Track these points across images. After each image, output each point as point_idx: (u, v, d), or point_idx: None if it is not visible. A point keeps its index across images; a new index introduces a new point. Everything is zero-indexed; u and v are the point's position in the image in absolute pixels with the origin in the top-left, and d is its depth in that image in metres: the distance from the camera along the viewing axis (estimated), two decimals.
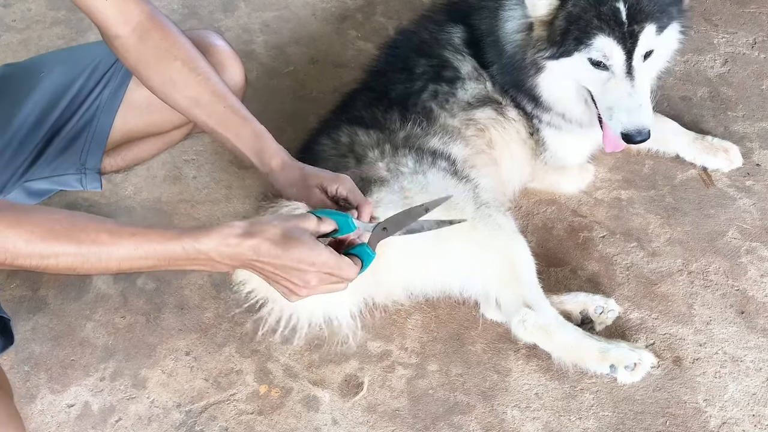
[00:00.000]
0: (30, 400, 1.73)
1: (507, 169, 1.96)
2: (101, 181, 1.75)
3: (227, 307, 1.88)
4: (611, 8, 1.67)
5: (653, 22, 1.69)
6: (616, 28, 1.67)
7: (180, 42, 1.55)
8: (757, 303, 1.80)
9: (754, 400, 1.64)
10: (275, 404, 1.70)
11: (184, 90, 1.53)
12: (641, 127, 1.71)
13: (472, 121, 1.91)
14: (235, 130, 1.54)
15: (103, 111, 1.69)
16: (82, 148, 1.70)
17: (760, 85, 2.30)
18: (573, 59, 1.74)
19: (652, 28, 1.69)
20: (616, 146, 1.86)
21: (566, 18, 1.71)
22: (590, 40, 1.69)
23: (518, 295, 1.66)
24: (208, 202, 2.12)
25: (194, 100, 1.53)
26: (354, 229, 1.41)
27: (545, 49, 1.76)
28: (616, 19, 1.67)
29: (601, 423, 1.62)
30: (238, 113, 1.55)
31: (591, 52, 1.70)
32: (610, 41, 1.68)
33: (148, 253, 1.23)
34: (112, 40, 1.52)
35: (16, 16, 2.70)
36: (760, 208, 1.99)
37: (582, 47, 1.71)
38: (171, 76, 1.52)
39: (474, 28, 1.95)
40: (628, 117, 1.72)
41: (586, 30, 1.69)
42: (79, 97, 1.69)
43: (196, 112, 1.55)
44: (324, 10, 2.70)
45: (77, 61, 1.72)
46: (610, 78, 1.72)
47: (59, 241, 1.18)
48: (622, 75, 1.71)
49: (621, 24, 1.67)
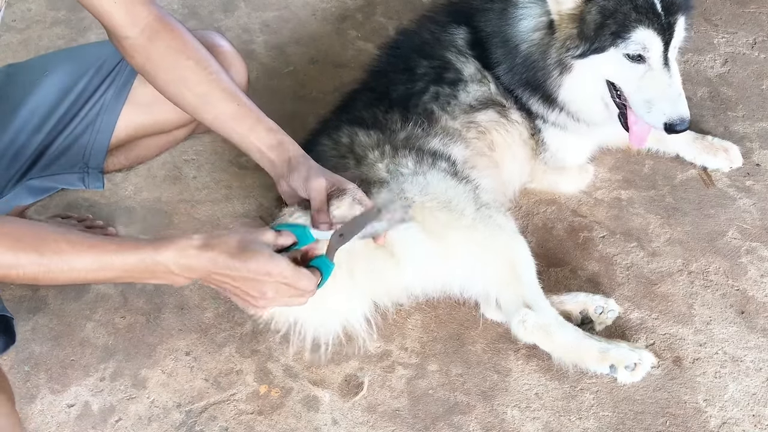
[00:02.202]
0: (30, 400, 1.73)
1: (508, 171, 1.96)
2: (104, 181, 1.75)
3: (227, 307, 1.88)
4: (647, 1, 1.67)
5: (684, 12, 1.71)
6: (655, 20, 1.67)
7: (190, 42, 1.55)
8: (757, 303, 1.80)
9: (754, 400, 1.64)
10: (275, 404, 1.70)
11: (196, 88, 1.53)
12: (684, 115, 1.73)
13: (474, 124, 1.90)
14: (249, 126, 1.54)
15: (107, 110, 1.70)
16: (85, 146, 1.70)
17: (760, 85, 2.30)
18: (606, 55, 1.72)
19: (683, 19, 1.72)
20: (642, 141, 1.87)
21: (600, 12, 1.70)
22: (629, 34, 1.68)
23: (518, 295, 1.66)
24: (208, 202, 2.12)
25: (205, 98, 1.53)
26: (312, 240, 1.41)
27: (576, 47, 1.74)
28: (654, 10, 1.67)
29: (601, 423, 1.62)
30: (251, 111, 1.55)
31: (629, 46, 1.70)
32: (650, 33, 1.68)
33: (107, 264, 1.24)
34: (120, 41, 1.52)
35: (16, 16, 2.70)
36: (760, 208, 1.99)
37: (620, 41, 1.70)
38: (182, 75, 1.52)
39: (478, 30, 1.94)
40: (671, 107, 1.73)
41: (624, 23, 1.68)
42: (83, 96, 1.69)
43: (207, 110, 1.54)
44: (324, 10, 2.70)
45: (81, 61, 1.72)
46: (647, 71, 1.72)
47: (25, 251, 1.19)
48: (659, 67, 1.72)
49: (658, 15, 1.67)
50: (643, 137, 1.84)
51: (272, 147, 1.53)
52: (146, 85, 1.67)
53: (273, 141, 1.53)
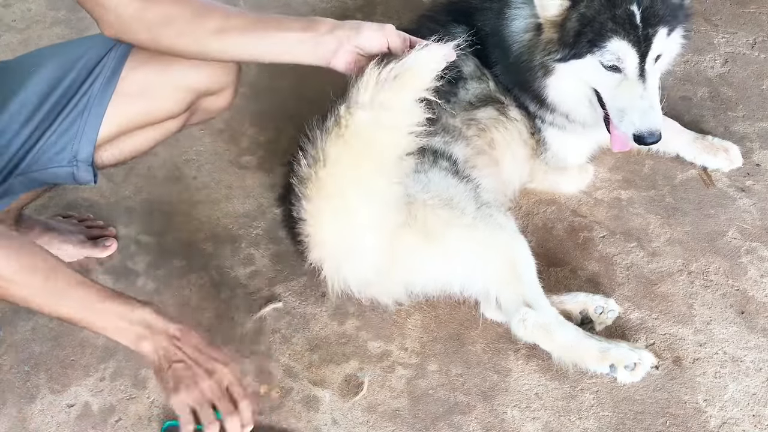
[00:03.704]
0: (30, 400, 1.73)
1: (508, 169, 1.96)
2: (95, 175, 1.74)
3: (227, 307, 1.88)
4: (626, 11, 1.66)
5: (665, 25, 1.69)
6: (631, 32, 1.67)
7: None
8: (757, 303, 1.80)
9: (754, 400, 1.64)
10: (275, 404, 1.70)
11: (209, 21, 1.49)
12: (653, 128, 1.72)
13: (474, 121, 1.91)
14: (275, 24, 1.50)
15: (95, 101, 1.69)
16: (73, 140, 1.69)
17: (760, 85, 2.30)
18: (584, 61, 1.73)
19: (664, 32, 1.70)
20: (624, 146, 1.86)
21: (579, 20, 1.71)
22: (604, 43, 1.69)
23: (519, 294, 1.66)
24: (208, 202, 2.12)
25: (221, 26, 1.50)
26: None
27: (556, 51, 1.75)
28: (631, 22, 1.67)
29: (601, 423, 1.62)
30: (270, 16, 1.54)
31: (604, 55, 1.70)
32: (625, 44, 1.68)
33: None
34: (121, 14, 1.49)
35: (16, 16, 2.70)
36: (760, 208, 1.99)
37: (595, 50, 1.70)
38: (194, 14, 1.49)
39: (477, 28, 1.95)
40: (640, 119, 1.72)
41: (600, 33, 1.68)
42: (71, 89, 1.68)
43: (227, 36, 1.51)
44: (324, 10, 2.70)
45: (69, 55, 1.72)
46: (623, 80, 1.72)
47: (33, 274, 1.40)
48: (634, 78, 1.71)
49: (635, 27, 1.67)
50: (624, 142, 1.83)
51: (307, 27, 1.49)
52: (135, 75, 1.67)
53: (303, 22, 1.50)
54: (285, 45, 1.50)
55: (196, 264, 1.98)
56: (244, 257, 1.99)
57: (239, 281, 1.93)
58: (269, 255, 1.98)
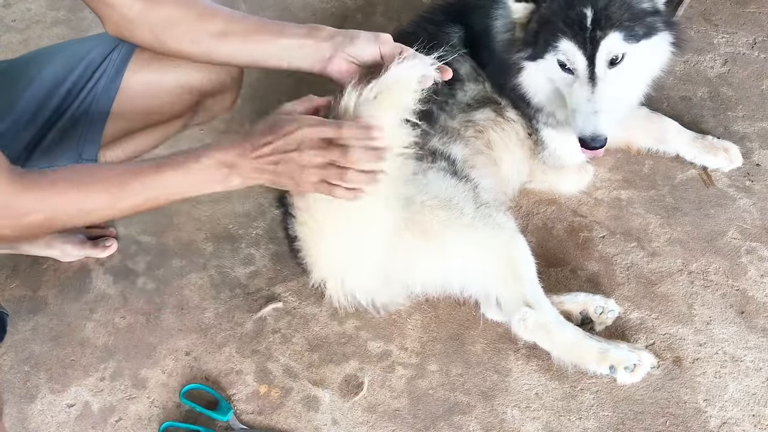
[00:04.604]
0: (30, 400, 1.73)
1: (506, 169, 1.96)
2: None
3: (227, 307, 1.88)
4: (578, 13, 1.68)
5: (619, 30, 1.68)
6: (579, 33, 1.68)
7: None
8: (757, 303, 1.80)
9: (754, 400, 1.64)
10: (275, 404, 1.70)
11: (211, 24, 1.50)
12: (595, 133, 1.72)
13: (472, 123, 1.91)
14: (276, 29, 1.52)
15: (100, 100, 1.69)
16: (78, 138, 1.70)
17: (760, 85, 2.30)
18: (546, 61, 1.76)
19: (617, 36, 1.68)
20: (594, 153, 1.84)
21: (538, 21, 1.74)
22: (556, 43, 1.71)
23: (519, 293, 1.66)
24: (208, 202, 2.12)
25: (222, 30, 1.51)
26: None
27: (522, 50, 1.78)
28: (581, 24, 1.68)
29: (601, 423, 1.62)
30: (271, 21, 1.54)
31: (558, 54, 1.72)
32: (571, 45, 1.69)
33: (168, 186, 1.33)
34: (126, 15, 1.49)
35: (16, 16, 2.70)
36: (760, 208, 1.99)
37: (551, 50, 1.73)
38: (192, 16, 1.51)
39: (471, 28, 1.95)
40: (583, 122, 1.73)
41: (553, 33, 1.71)
42: (75, 88, 1.68)
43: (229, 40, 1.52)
44: (324, 11, 2.70)
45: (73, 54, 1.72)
46: (575, 82, 1.74)
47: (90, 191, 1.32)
48: (584, 80, 1.72)
49: (584, 29, 1.68)
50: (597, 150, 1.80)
51: (307, 34, 1.50)
52: (138, 75, 1.67)
53: (305, 29, 1.51)
54: (286, 51, 1.50)
55: (196, 264, 1.98)
56: (244, 257, 1.99)
57: (239, 281, 1.93)
58: (269, 255, 1.99)
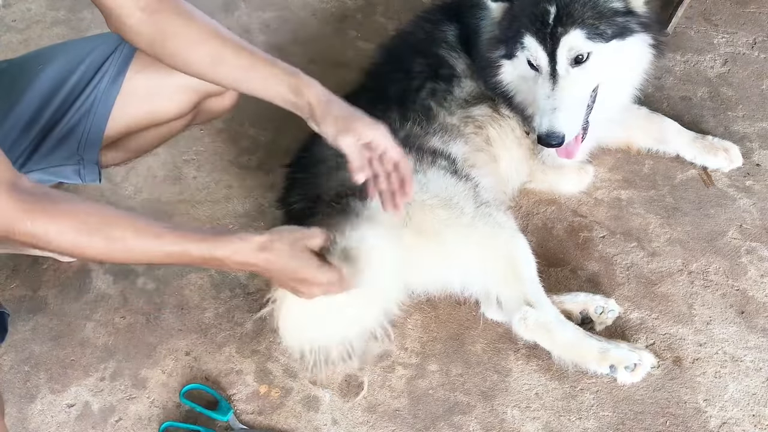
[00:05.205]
0: (30, 400, 1.73)
1: (505, 167, 1.96)
2: (100, 174, 1.74)
3: (227, 307, 1.88)
4: (541, 10, 1.70)
5: (582, 27, 1.69)
6: (540, 29, 1.70)
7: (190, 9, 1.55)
8: (757, 303, 1.80)
9: (754, 400, 1.64)
10: (275, 404, 1.70)
11: (205, 49, 1.52)
12: (551, 129, 1.72)
13: (470, 119, 1.92)
14: (267, 72, 1.54)
15: (101, 101, 1.69)
16: (79, 139, 1.70)
17: (760, 85, 2.30)
18: (518, 59, 1.78)
19: (579, 33, 1.69)
20: (569, 154, 1.85)
21: (510, 19, 1.77)
22: (522, 39, 1.73)
23: (519, 293, 1.66)
24: (208, 202, 2.12)
25: (217, 57, 1.53)
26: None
27: (499, 49, 1.81)
28: (543, 20, 1.69)
29: (601, 423, 1.62)
30: (265, 59, 1.56)
31: (523, 51, 1.74)
32: (533, 41, 1.71)
33: (168, 253, 1.31)
34: (126, 20, 1.51)
35: (16, 16, 2.70)
36: (760, 208, 1.99)
37: (519, 46, 1.75)
38: (190, 41, 1.52)
39: (466, 26, 1.96)
40: (540, 119, 1.74)
41: (519, 29, 1.74)
42: (77, 88, 1.69)
43: (222, 68, 1.54)
44: (324, 11, 2.71)
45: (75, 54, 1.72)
46: (538, 78, 1.75)
47: (90, 235, 1.25)
48: (546, 77, 1.73)
49: (546, 25, 1.69)
50: (570, 150, 1.83)
51: (293, 92, 1.53)
52: (140, 76, 1.68)
53: (292, 85, 1.54)
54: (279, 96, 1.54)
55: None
56: None
57: (239, 281, 1.93)
58: None
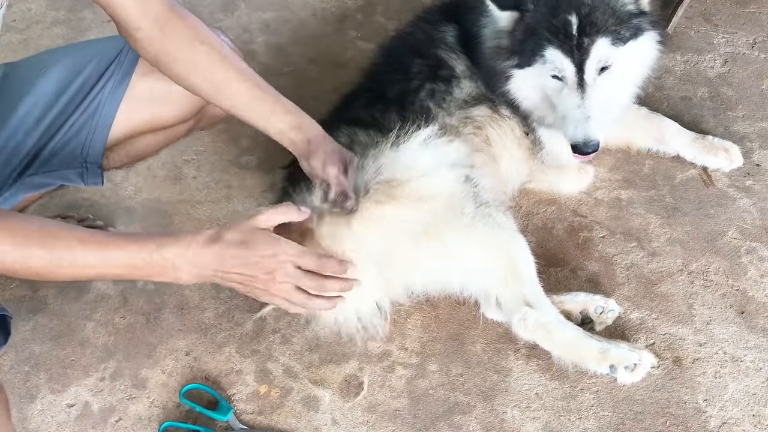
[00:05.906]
0: (30, 400, 1.73)
1: (505, 167, 1.96)
2: (103, 177, 1.75)
3: (227, 307, 1.88)
4: (562, 21, 1.68)
5: (606, 35, 1.68)
6: (566, 41, 1.68)
7: (202, 30, 1.57)
8: (757, 303, 1.80)
9: (754, 400, 1.64)
10: (275, 404, 1.70)
11: (212, 74, 1.54)
12: (587, 138, 1.73)
13: (470, 119, 1.91)
14: (269, 108, 1.57)
15: (105, 105, 1.70)
16: (83, 142, 1.70)
17: (760, 85, 2.30)
18: (534, 69, 1.76)
19: (605, 42, 1.69)
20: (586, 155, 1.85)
21: (523, 30, 1.74)
22: (542, 52, 1.71)
23: (519, 293, 1.66)
24: (208, 202, 2.12)
25: (222, 83, 1.55)
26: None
27: (510, 59, 1.79)
28: (566, 32, 1.68)
29: (601, 423, 1.62)
30: (268, 93, 1.58)
31: (546, 63, 1.72)
32: (559, 54, 1.70)
33: (113, 261, 1.27)
34: (133, 34, 1.52)
35: (16, 16, 2.70)
36: (760, 208, 1.99)
37: (538, 58, 1.73)
38: (197, 62, 1.54)
39: (465, 28, 1.96)
40: (574, 128, 1.73)
41: (539, 42, 1.71)
42: (81, 92, 1.69)
43: (225, 95, 1.57)
44: (324, 11, 2.71)
45: (79, 57, 1.72)
46: (564, 88, 1.74)
47: (30, 247, 1.22)
48: (573, 87, 1.72)
49: (570, 37, 1.68)
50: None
51: (292, 128, 1.56)
52: (144, 81, 1.68)
53: (293, 122, 1.57)
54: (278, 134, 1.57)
55: None
56: None
57: None
58: None
